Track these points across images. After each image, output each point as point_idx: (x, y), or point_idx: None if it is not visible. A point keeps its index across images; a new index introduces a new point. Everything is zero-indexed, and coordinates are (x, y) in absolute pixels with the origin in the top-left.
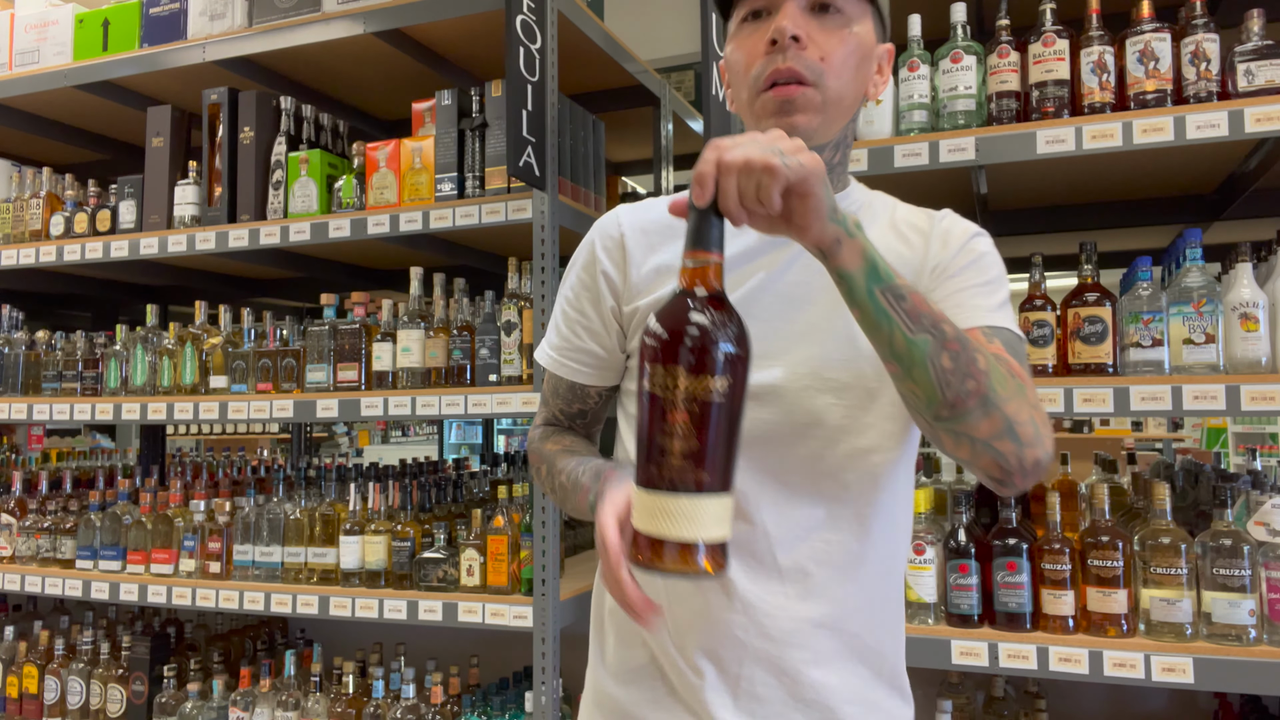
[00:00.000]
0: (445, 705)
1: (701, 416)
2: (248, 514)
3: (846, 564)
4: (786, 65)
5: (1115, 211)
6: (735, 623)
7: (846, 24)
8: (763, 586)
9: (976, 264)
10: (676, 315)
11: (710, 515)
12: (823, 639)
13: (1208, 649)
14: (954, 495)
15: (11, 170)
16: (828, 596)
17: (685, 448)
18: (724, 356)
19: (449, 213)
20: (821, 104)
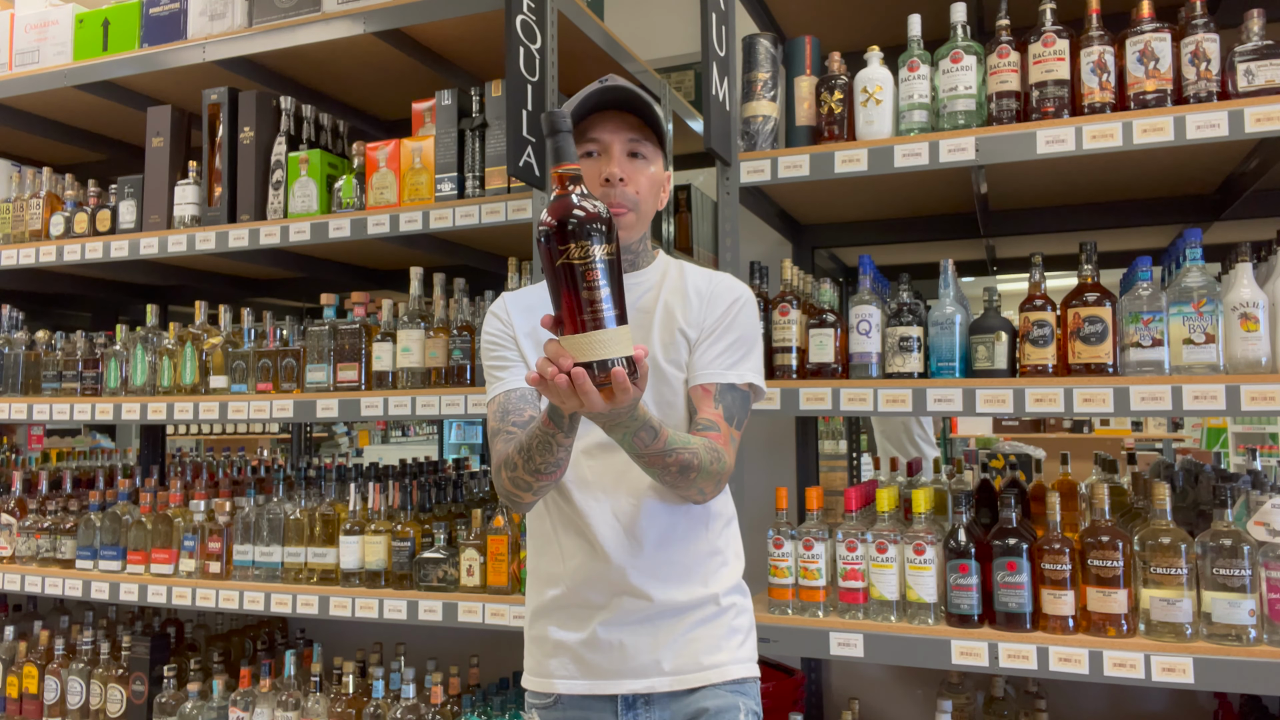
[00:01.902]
0: (445, 705)
1: (607, 270)
2: (248, 514)
3: (656, 514)
4: (615, 200)
5: (1115, 211)
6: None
7: (648, 164)
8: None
9: (730, 325)
10: (575, 205)
11: (626, 337)
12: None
13: (1208, 649)
14: (954, 495)
15: (11, 170)
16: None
17: (600, 295)
18: (605, 228)
19: (449, 213)
20: (635, 220)
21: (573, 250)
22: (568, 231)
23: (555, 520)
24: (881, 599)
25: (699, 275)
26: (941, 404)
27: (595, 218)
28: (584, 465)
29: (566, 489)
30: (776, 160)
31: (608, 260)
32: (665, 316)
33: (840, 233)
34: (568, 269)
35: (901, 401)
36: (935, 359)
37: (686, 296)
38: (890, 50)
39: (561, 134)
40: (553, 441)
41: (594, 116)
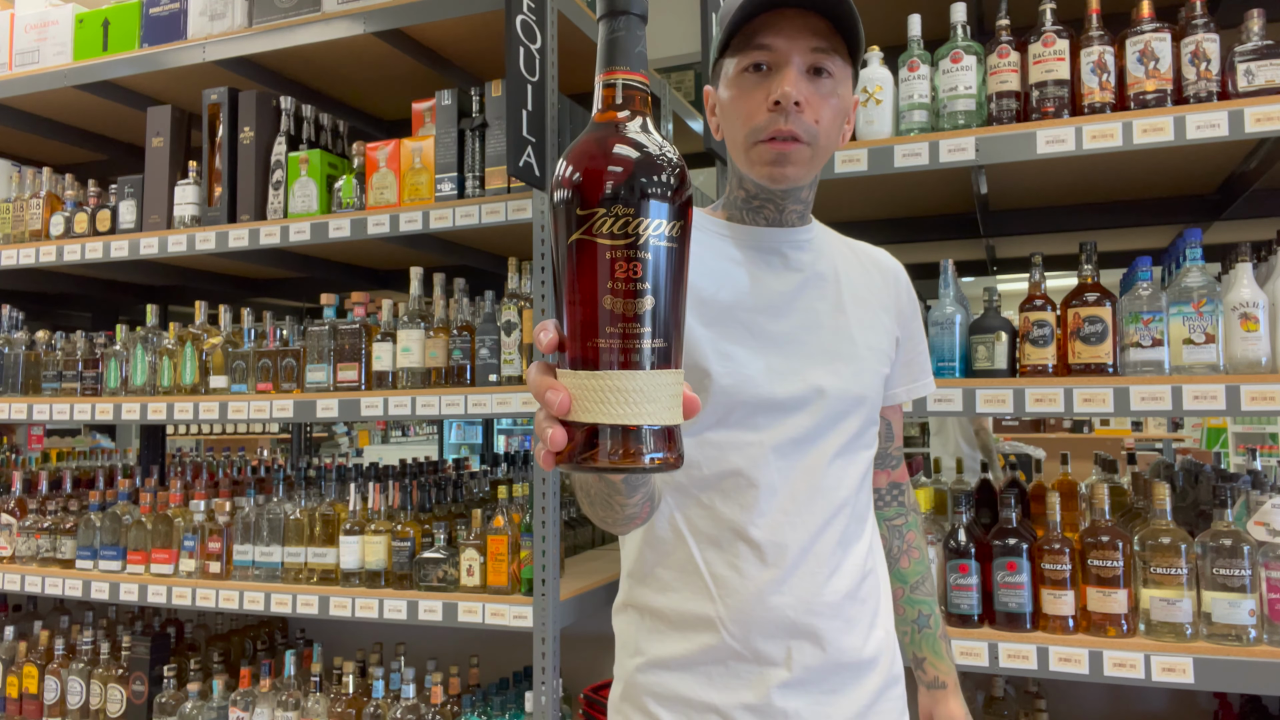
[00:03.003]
0: (445, 705)
1: (665, 264)
2: (248, 514)
3: (852, 540)
4: (789, 128)
5: (1115, 211)
6: (785, 605)
7: (835, 88)
8: (805, 570)
9: (916, 313)
10: (615, 142)
11: (669, 392)
12: (851, 607)
13: (1208, 649)
14: (954, 495)
15: (11, 170)
16: (845, 571)
17: (637, 309)
18: (674, 190)
19: (449, 213)
20: (810, 158)
21: (605, 221)
22: (599, 185)
23: (703, 539)
24: None
25: (864, 246)
26: (941, 404)
27: (658, 168)
28: (772, 465)
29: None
30: None
31: (670, 248)
32: (852, 291)
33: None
34: (587, 251)
35: None
36: (935, 359)
37: (866, 269)
38: (890, 50)
39: (625, 16)
40: (612, 501)
41: (765, 16)
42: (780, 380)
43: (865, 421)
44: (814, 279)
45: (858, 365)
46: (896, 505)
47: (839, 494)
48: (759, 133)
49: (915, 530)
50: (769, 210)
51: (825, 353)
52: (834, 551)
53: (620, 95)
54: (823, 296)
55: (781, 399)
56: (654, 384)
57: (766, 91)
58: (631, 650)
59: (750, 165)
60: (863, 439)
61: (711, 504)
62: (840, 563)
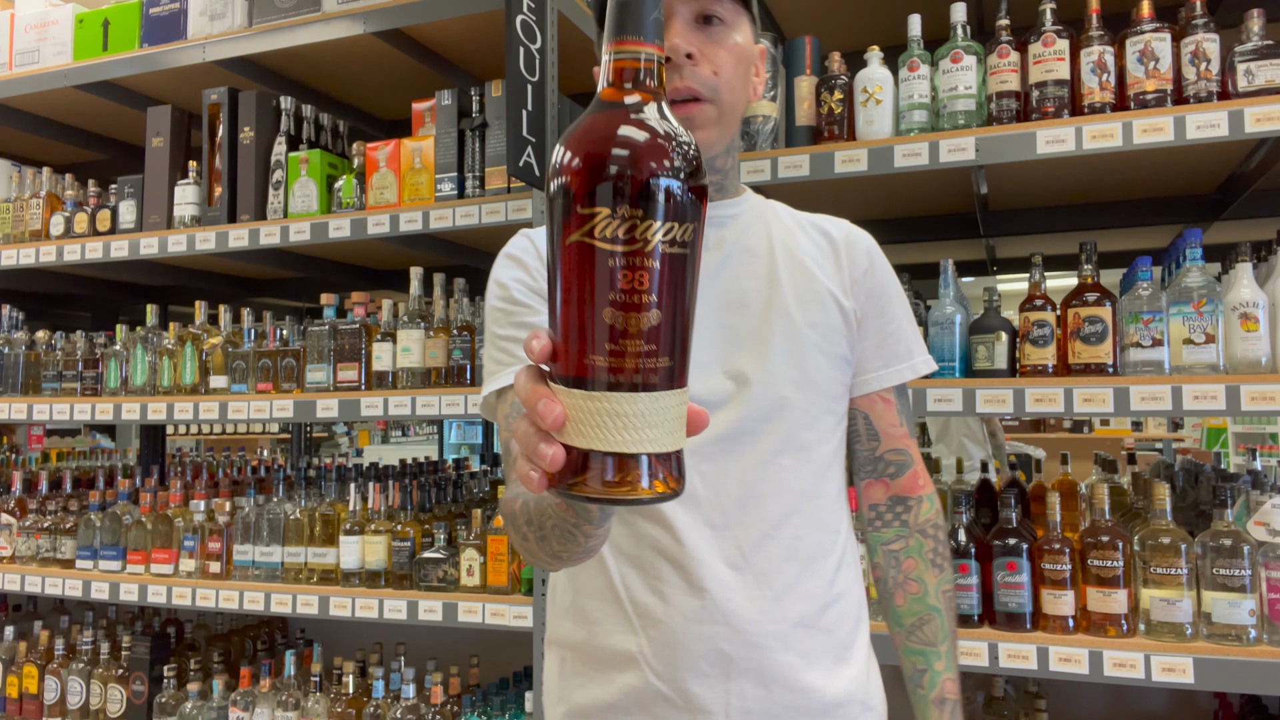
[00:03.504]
0: (445, 705)
1: (680, 270)
2: (248, 514)
3: (813, 557)
4: (685, 84)
5: (1115, 211)
6: (718, 634)
7: (729, 33)
8: (742, 592)
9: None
10: (627, 127)
11: (674, 415)
12: (807, 638)
13: (1208, 649)
14: (954, 495)
15: (11, 170)
16: (801, 593)
17: (643, 324)
18: (690, 188)
19: (449, 213)
20: (718, 117)
21: (605, 221)
22: (603, 181)
23: (621, 560)
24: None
25: (814, 217)
26: (941, 404)
27: (669, 157)
28: (692, 471)
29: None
30: (777, 160)
31: (679, 254)
32: (791, 264)
33: None
34: (587, 255)
35: None
36: (935, 359)
37: (813, 240)
38: (890, 50)
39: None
40: (577, 532)
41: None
42: (699, 374)
43: (813, 409)
44: (738, 255)
45: (794, 345)
46: (898, 525)
47: (784, 499)
48: None
49: (917, 557)
50: None
51: (751, 336)
52: (779, 568)
53: (632, 70)
54: (750, 274)
55: (698, 395)
56: (657, 407)
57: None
58: (554, 698)
59: None
60: (813, 430)
61: (632, 519)
62: (793, 583)
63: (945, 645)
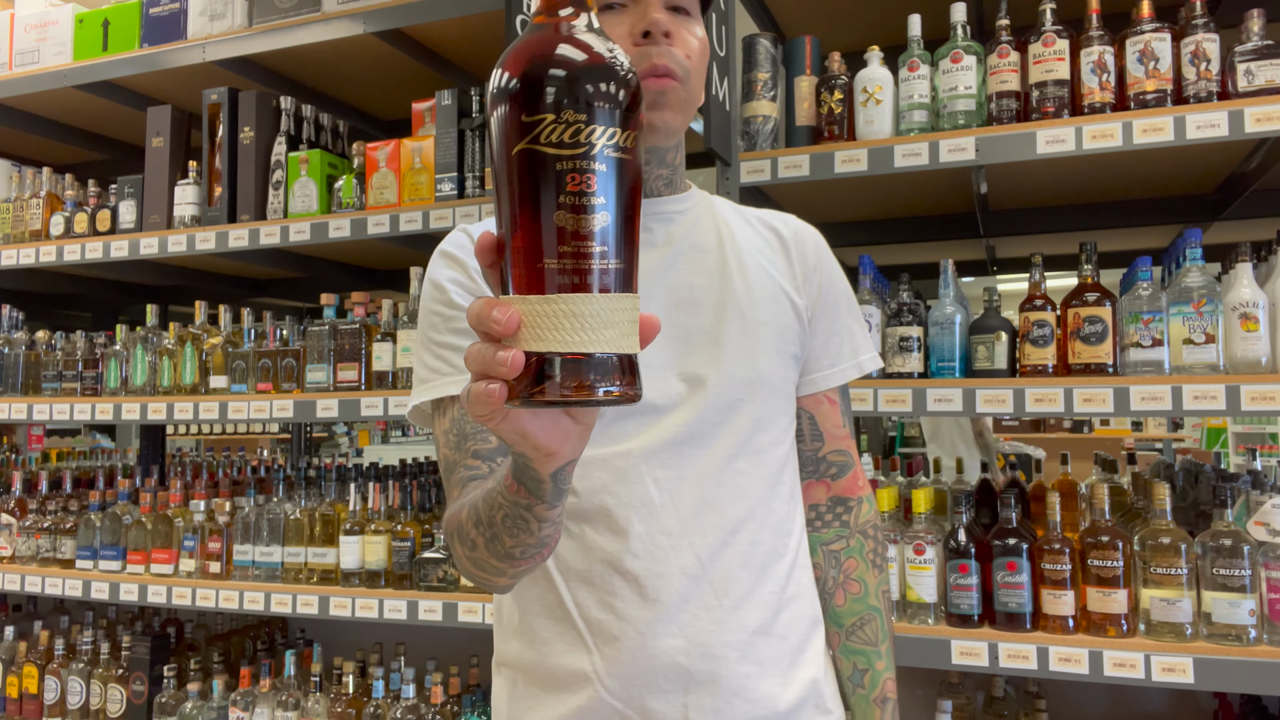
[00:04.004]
0: (445, 705)
1: (615, 177)
2: (248, 514)
3: (767, 562)
4: (663, 62)
5: (1115, 211)
6: (675, 648)
7: (694, 25)
8: (699, 603)
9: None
10: (561, 42)
11: (627, 317)
12: (764, 645)
13: (1208, 649)
14: (954, 495)
15: (11, 170)
16: (756, 600)
17: (592, 225)
18: (625, 95)
19: (449, 213)
20: (685, 100)
21: (551, 126)
22: (544, 89)
23: (570, 578)
24: None
25: (760, 212)
26: (941, 404)
27: (610, 71)
28: (647, 478)
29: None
30: (776, 160)
31: (621, 158)
32: (741, 260)
33: (840, 233)
34: (534, 162)
35: (901, 401)
36: (935, 359)
37: (762, 235)
38: (890, 50)
39: None
40: (529, 515)
41: None
42: (650, 375)
43: (767, 410)
44: (687, 251)
45: (749, 343)
46: (838, 526)
47: (741, 504)
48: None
49: (858, 558)
50: None
51: (704, 335)
52: (737, 576)
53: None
54: (700, 270)
55: (653, 398)
56: (611, 308)
57: (629, 25)
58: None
59: None
60: (768, 432)
61: (580, 533)
62: (749, 590)
63: (885, 645)
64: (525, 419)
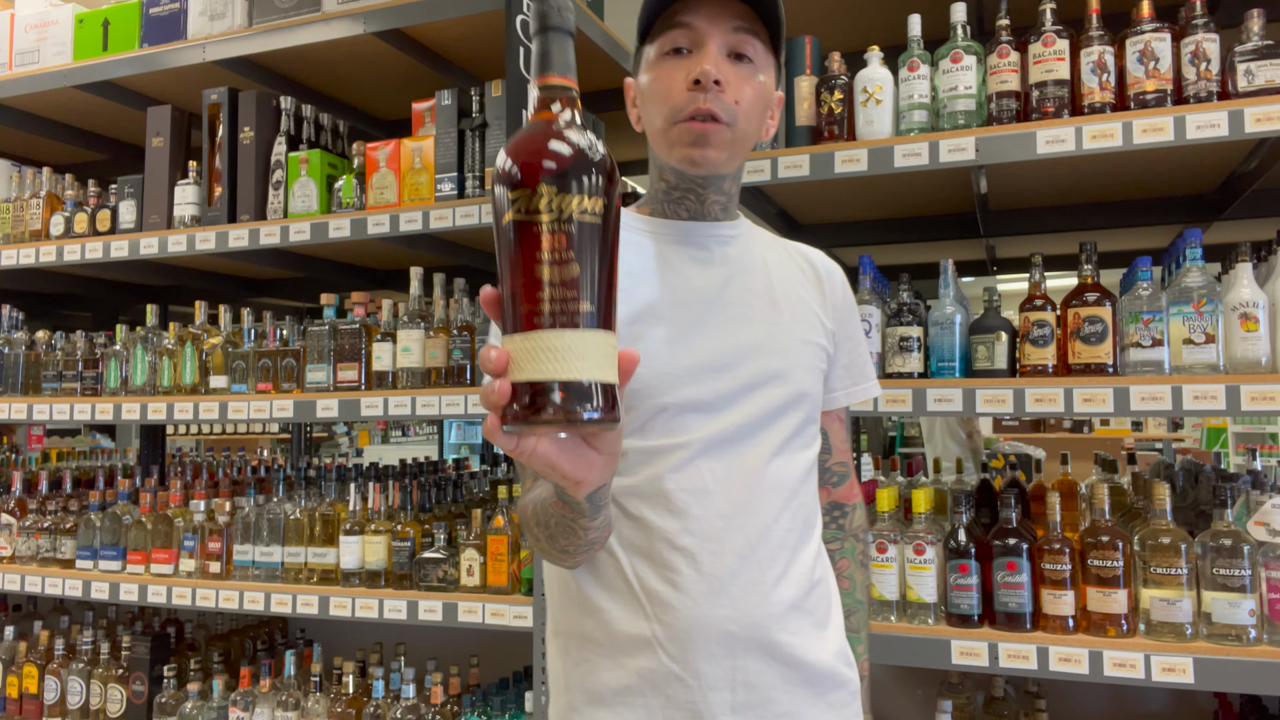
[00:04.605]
0: (445, 705)
1: (593, 238)
2: (248, 514)
3: (798, 547)
4: (707, 106)
5: (1115, 211)
6: (727, 618)
7: (755, 73)
8: (747, 578)
9: (854, 315)
10: (541, 136)
11: (603, 349)
12: (797, 619)
13: (1208, 649)
14: (954, 495)
15: (11, 170)
16: (791, 579)
17: (566, 275)
18: (597, 175)
19: (449, 213)
20: (731, 141)
21: (538, 200)
22: (533, 171)
23: (634, 552)
24: (881, 599)
25: (795, 244)
26: (941, 404)
27: (582, 157)
28: (703, 468)
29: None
30: (776, 160)
31: (594, 224)
32: (784, 285)
33: (840, 233)
34: (526, 231)
35: (901, 401)
36: (935, 359)
37: (799, 266)
38: (890, 50)
39: (554, 32)
40: (575, 526)
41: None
42: (709, 378)
43: (804, 419)
44: (742, 273)
45: (793, 360)
46: (834, 529)
47: (779, 495)
48: (678, 112)
49: (850, 559)
50: (690, 201)
51: (758, 348)
52: (776, 557)
53: (551, 96)
54: (753, 290)
55: (710, 399)
56: (583, 342)
57: (686, 71)
58: (562, 686)
59: (670, 148)
60: (801, 437)
61: (640, 514)
62: (785, 569)
63: (865, 633)
64: (551, 452)
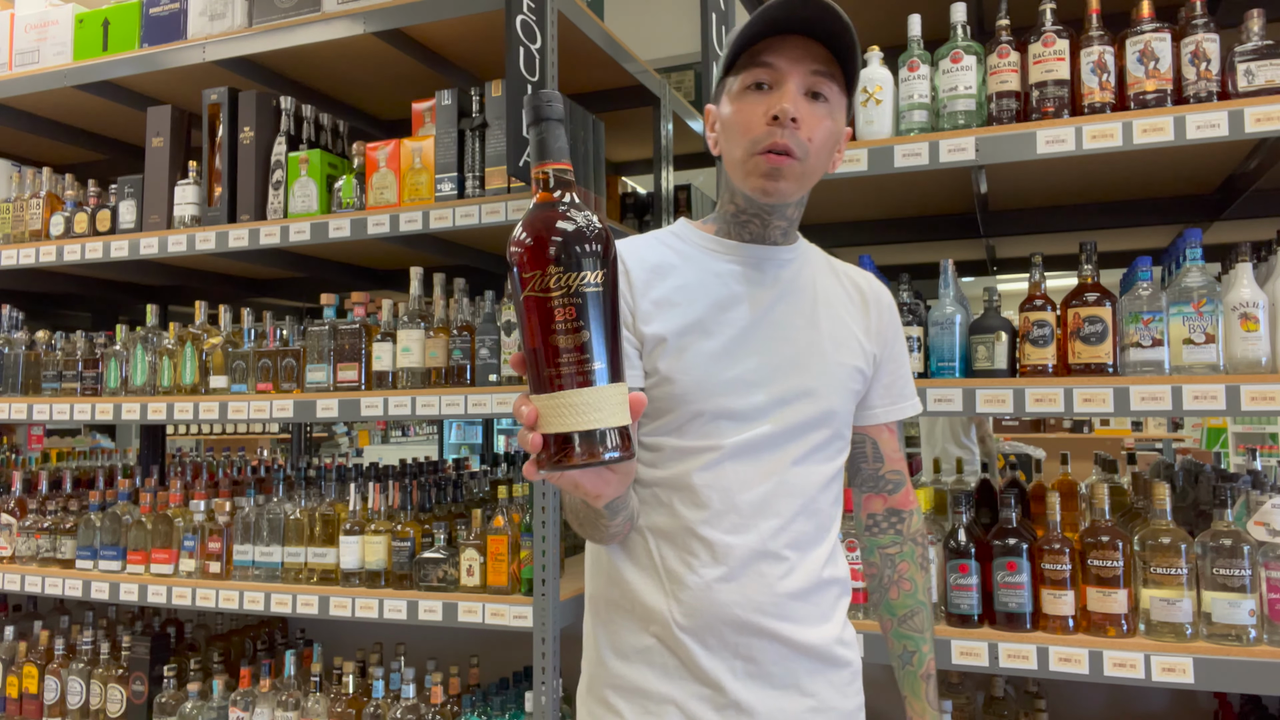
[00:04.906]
0: (445, 705)
1: (596, 305)
2: (248, 514)
3: (810, 546)
4: (784, 141)
5: (1115, 211)
6: (735, 603)
7: (830, 113)
8: (758, 569)
9: (898, 337)
10: (547, 220)
11: (616, 400)
12: (799, 608)
13: (1208, 649)
14: (954, 495)
15: (11, 170)
16: (799, 573)
17: (578, 341)
18: (597, 249)
19: (449, 213)
20: (801, 174)
21: (549, 279)
22: (543, 252)
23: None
24: None
25: (844, 266)
26: (941, 404)
27: (583, 236)
28: (728, 469)
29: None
30: None
31: (597, 292)
32: (828, 309)
33: (840, 233)
34: (540, 305)
35: None
36: (935, 359)
37: (846, 291)
38: (890, 50)
39: (547, 122)
40: (600, 522)
41: (770, 40)
42: (745, 390)
43: (831, 435)
44: (789, 293)
45: (825, 380)
46: (893, 533)
47: (797, 500)
48: (756, 145)
49: (910, 561)
50: (754, 225)
51: (793, 365)
52: (785, 555)
53: (552, 181)
54: (797, 311)
55: (743, 409)
56: (598, 397)
57: (766, 107)
58: (593, 643)
59: (745, 177)
60: (825, 451)
61: (670, 504)
62: (794, 566)
63: (929, 633)
64: (576, 478)
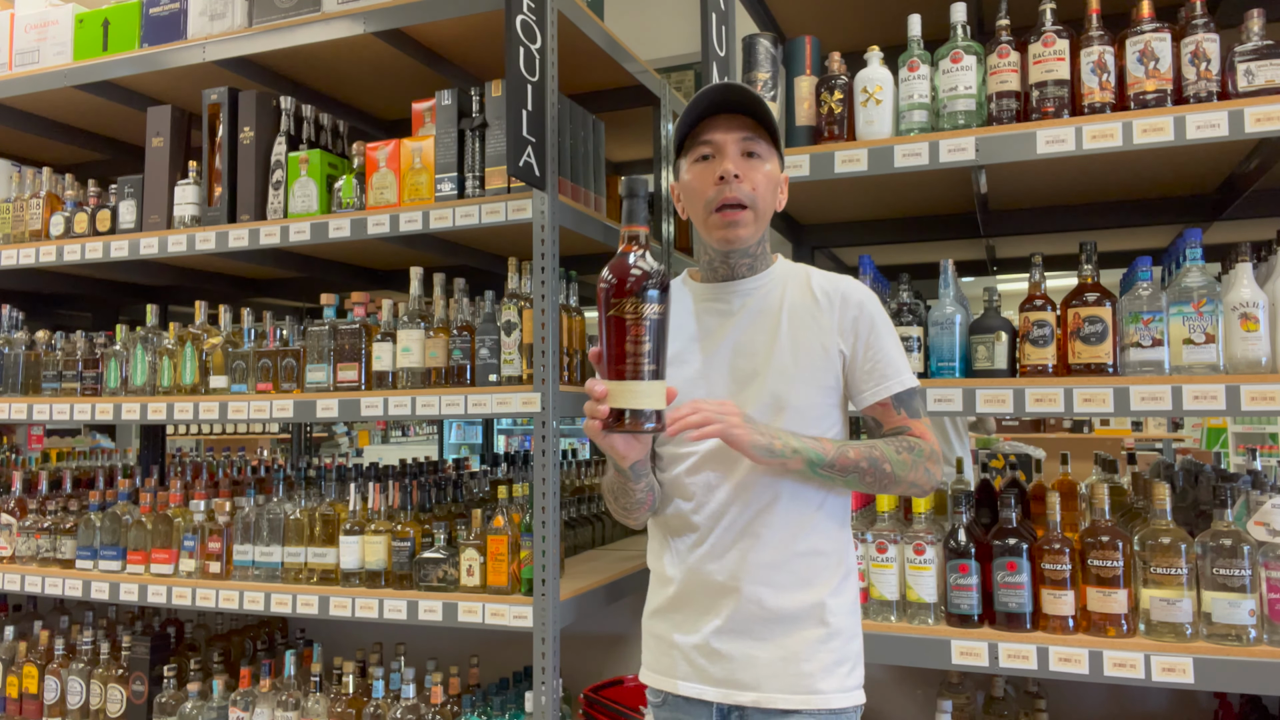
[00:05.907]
0: (445, 705)
1: (654, 328)
2: (248, 514)
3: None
4: (732, 195)
5: (1115, 211)
6: (715, 571)
7: (764, 163)
8: (737, 547)
9: (881, 331)
10: (631, 265)
11: (659, 392)
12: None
13: (1208, 649)
14: (954, 495)
15: (11, 170)
16: (773, 546)
17: (642, 350)
18: (660, 288)
19: (449, 213)
20: (754, 219)
21: (624, 305)
22: (622, 287)
23: (669, 525)
24: (881, 599)
25: (821, 277)
26: (941, 404)
27: (648, 277)
28: (709, 470)
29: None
30: None
31: (657, 319)
32: (793, 319)
33: (840, 233)
34: (617, 322)
35: None
36: (935, 359)
37: (815, 300)
38: (890, 50)
39: (635, 198)
40: (628, 486)
41: (707, 121)
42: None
43: (796, 424)
44: (753, 316)
45: (786, 381)
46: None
47: (771, 490)
48: (712, 204)
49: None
50: (723, 268)
51: (753, 375)
52: (760, 533)
53: (633, 239)
54: (760, 330)
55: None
56: (650, 388)
57: (714, 172)
58: (648, 599)
59: (710, 231)
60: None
61: (672, 498)
62: (768, 541)
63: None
64: (614, 440)
